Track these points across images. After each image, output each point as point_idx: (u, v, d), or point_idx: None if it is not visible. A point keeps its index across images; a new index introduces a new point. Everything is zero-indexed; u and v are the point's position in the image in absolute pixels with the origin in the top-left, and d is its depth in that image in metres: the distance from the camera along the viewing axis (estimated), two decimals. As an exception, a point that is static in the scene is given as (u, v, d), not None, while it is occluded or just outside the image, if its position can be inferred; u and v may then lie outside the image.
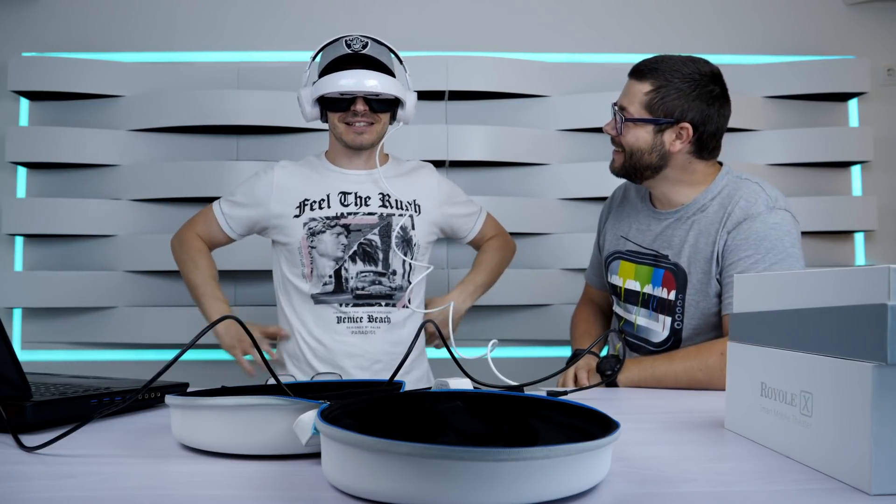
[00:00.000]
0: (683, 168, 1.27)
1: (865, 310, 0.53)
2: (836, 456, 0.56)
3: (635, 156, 1.26)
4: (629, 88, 1.27)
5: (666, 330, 1.28)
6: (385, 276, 1.43)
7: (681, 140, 1.23)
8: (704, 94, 1.22)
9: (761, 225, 1.18)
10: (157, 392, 0.90)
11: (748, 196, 1.22)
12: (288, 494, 0.52)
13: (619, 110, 1.27)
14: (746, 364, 0.72)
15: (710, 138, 1.25)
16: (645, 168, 1.27)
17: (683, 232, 1.28)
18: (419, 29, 2.36)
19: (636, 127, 1.25)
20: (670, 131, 1.23)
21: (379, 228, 1.43)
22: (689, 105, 1.22)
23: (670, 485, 0.55)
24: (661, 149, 1.24)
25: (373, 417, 0.62)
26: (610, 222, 1.48)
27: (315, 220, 1.42)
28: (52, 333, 2.23)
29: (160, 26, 2.33)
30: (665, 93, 1.22)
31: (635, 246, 1.37)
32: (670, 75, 1.22)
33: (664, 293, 1.29)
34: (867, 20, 2.42)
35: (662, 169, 1.27)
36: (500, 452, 0.45)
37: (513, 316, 2.29)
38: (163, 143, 2.26)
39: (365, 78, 1.34)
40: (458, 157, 2.22)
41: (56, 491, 0.53)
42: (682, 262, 1.26)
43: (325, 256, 1.41)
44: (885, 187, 2.39)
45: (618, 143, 1.29)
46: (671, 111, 1.22)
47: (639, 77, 1.25)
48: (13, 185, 2.27)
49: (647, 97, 1.23)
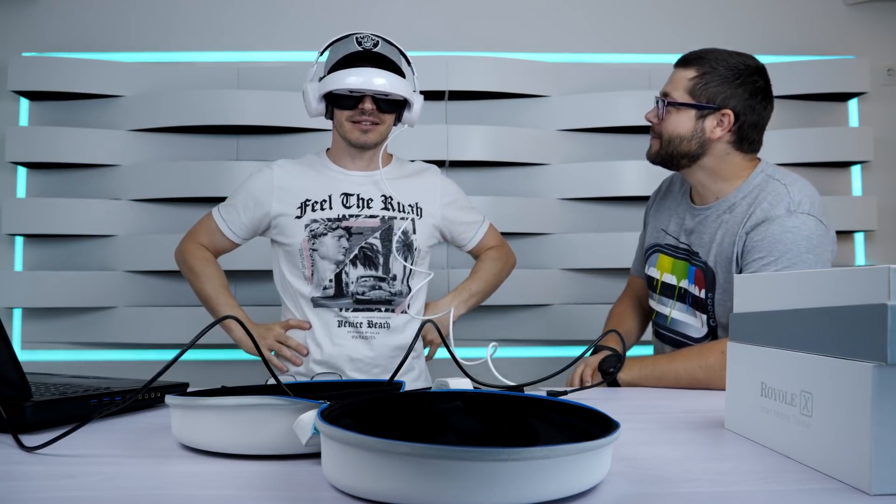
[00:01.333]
0: (721, 158, 1.27)
1: (865, 310, 0.53)
2: (836, 456, 0.56)
3: (674, 142, 1.27)
4: (674, 76, 1.29)
5: (705, 326, 1.29)
6: (385, 280, 1.42)
7: (721, 127, 1.24)
8: (748, 83, 1.23)
9: (778, 228, 1.18)
10: (157, 392, 0.90)
11: (771, 198, 1.22)
12: (288, 494, 0.52)
13: (663, 97, 1.28)
14: (746, 364, 0.72)
15: (750, 129, 1.25)
16: (682, 156, 1.27)
17: (712, 230, 1.28)
18: (419, 29, 2.36)
19: (678, 113, 1.26)
20: (712, 118, 1.24)
21: (380, 232, 1.42)
22: (732, 92, 1.23)
23: (670, 485, 0.55)
24: (702, 136, 1.25)
25: (373, 417, 0.62)
26: (652, 213, 1.49)
27: (317, 221, 1.41)
28: (52, 333, 2.23)
29: (160, 26, 2.33)
30: (709, 79, 1.23)
31: (673, 240, 1.37)
32: (716, 63, 1.24)
33: (696, 290, 1.30)
34: (867, 20, 2.42)
35: (700, 158, 1.27)
36: (499, 452, 0.45)
37: (513, 316, 2.29)
38: (163, 143, 2.26)
39: (375, 76, 1.32)
40: (458, 157, 2.22)
41: (56, 491, 0.52)
42: (710, 262, 1.27)
43: (326, 259, 1.40)
44: (885, 187, 2.39)
45: (657, 131, 1.30)
46: (714, 97, 1.23)
47: (684, 65, 1.27)
48: (13, 185, 2.27)
49: (691, 83, 1.25)
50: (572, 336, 2.28)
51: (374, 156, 1.46)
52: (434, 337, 1.55)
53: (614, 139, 2.33)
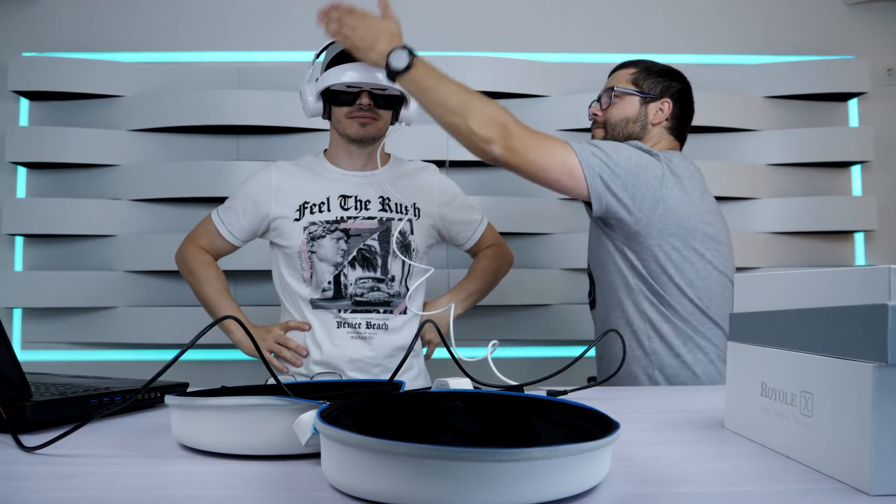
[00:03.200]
0: (656, 141, 1.45)
1: (865, 310, 0.53)
2: (836, 456, 0.56)
3: (619, 126, 1.45)
4: (615, 75, 1.49)
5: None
6: (384, 282, 1.42)
7: (662, 114, 1.44)
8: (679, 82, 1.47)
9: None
10: (157, 392, 0.90)
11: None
12: (288, 494, 0.52)
13: (607, 91, 1.47)
14: (746, 364, 0.72)
15: (684, 119, 1.47)
16: (626, 138, 1.44)
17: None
18: (419, 29, 2.36)
19: (623, 101, 1.45)
20: (654, 105, 1.44)
21: (378, 234, 1.42)
22: (669, 84, 1.45)
23: (670, 485, 0.55)
24: (645, 119, 1.44)
25: (373, 418, 0.62)
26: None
27: (315, 224, 1.41)
28: (52, 333, 2.23)
29: (160, 26, 2.33)
30: (647, 74, 1.46)
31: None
32: (651, 65, 1.47)
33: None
34: (867, 20, 2.42)
35: (639, 140, 1.43)
36: (499, 453, 0.45)
37: (513, 316, 2.29)
38: (163, 143, 2.26)
39: (372, 71, 1.32)
40: (458, 158, 2.22)
41: (56, 491, 0.52)
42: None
43: (324, 261, 1.40)
44: (885, 187, 2.39)
45: (599, 122, 1.49)
46: (654, 88, 1.45)
47: (623, 67, 1.49)
48: (13, 185, 2.27)
49: (633, 76, 1.46)
50: (572, 336, 2.28)
51: (372, 154, 1.46)
52: (433, 337, 1.56)
53: (614, 139, 2.33)
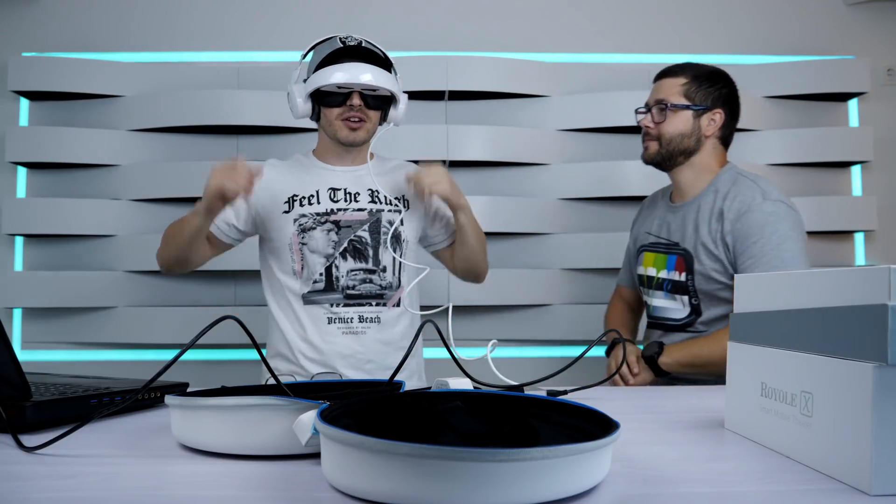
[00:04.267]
0: (709, 153, 1.48)
1: (865, 310, 0.53)
2: (836, 456, 0.56)
3: (674, 140, 1.47)
4: (664, 85, 1.49)
5: (686, 307, 1.47)
6: (375, 273, 1.42)
7: (714, 125, 1.47)
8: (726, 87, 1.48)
9: (759, 213, 1.37)
10: (157, 392, 0.90)
11: (744, 193, 1.41)
12: (288, 494, 0.52)
13: (657, 103, 1.47)
14: (747, 364, 0.72)
15: (731, 124, 1.49)
16: (681, 152, 1.48)
17: (690, 221, 1.47)
18: (419, 29, 2.36)
19: (676, 115, 1.46)
20: (706, 116, 1.46)
21: (369, 225, 1.42)
22: (719, 94, 1.47)
23: (670, 485, 0.55)
24: (699, 132, 1.47)
25: (372, 418, 0.62)
26: (638, 223, 1.70)
27: (305, 216, 1.41)
28: (52, 333, 2.23)
29: (160, 26, 2.33)
30: (699, 84, 1.46)
31: (655, 238, 1.57)
32: (698, 71, 1.47)
33: (676, 275, 1.48)
34: (867, 20, 2.42)
35: (694, 154, 1.48)
36: (499, 453, 0.45)
37: (513, 316, 2.29)
38: (163, 143, 2.26)
39: (362, 72, 1.31)
40: (458, 157, 2.22)
41: (56, 491, 0.52)
42: (688, 248, 1.46)
43: (315, 253, 1.40)
44: (885, 187, 2.39)
45: (653, 135, 1.49)
46: (705, 99, 1.46)
47: (672, 75, 1.49)
48: (13, 185, 2.27)
49: (684, 87, 1.46)
50: (572, 336, 2.28)
51: (360, 153, 1.47)
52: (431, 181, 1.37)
53: (614, 139, 2.33)
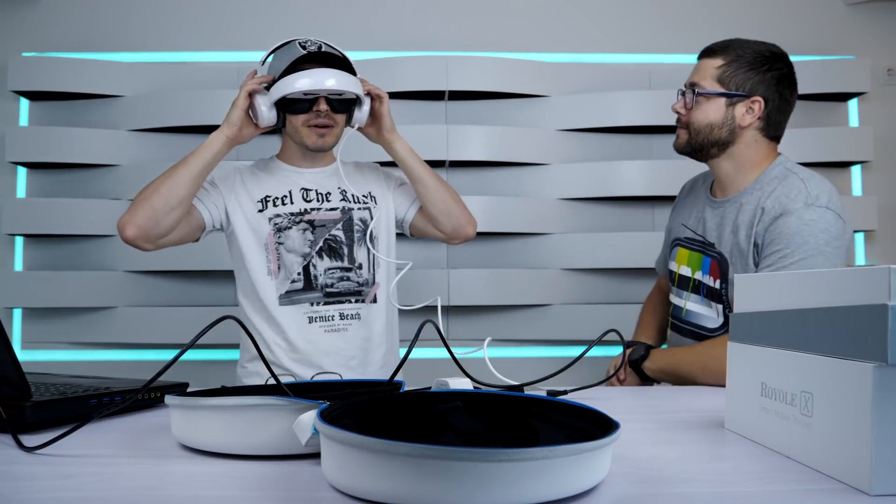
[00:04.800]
0: (749, 146, 1.29)
1: (865, 310, 0.53)
2: (836, 456, 0.56)
3: (703, 131, 1.29)
4: (700, 66, 1.30)
5: (720, 316, 1.30)
6: (351, 270, 1.42)
7: (751, 114, 1.26)
8: (775, 70, 1.26)
9: (796, 220, 1.18)
10: (157, 392, 0.90)
11: (788, 191, 1.22)
12: (288, 494, 0.52)
13: (690, 87, 1.30)
14: (746, 364, 0.72)
15: (778, 115, 1.28)
16: (713, 144, 1.29)
17: (729, 221, 1.29)
18: (419, 29, 2.36)
19: (707, 102, 1.28)
20: (741, 105, 1.26)
21: (342, 223, 1.43)
22: (761, 78, 1.25)
23: (670, 485, 0.55)
24: (732, 123, 1.27)
25: (372, 418, 0.62)
26: (676, 211, 1.52)
27: (280, 216, 1.41)
28: (52, 333, 2.23)
29: (160, 26, 2.33)
30: (737, 66, 1.25)
31: (691, 233, 1.40)
32: (742, 51, 1.26)
33: (710, 281, 1.32)
34: (867, 20, 2.42)
35: (730, 146, 1.29)
36: (499, 453, 0.45)
37: (513, 316, 2.29)
38: (163, 143, 2.26)
39: (328, 77, 1.30)
40: (458, 157, 2.22)
41: (56, 491, 0.52)
42: (725, 252, 1.29)
43: (292, 252, 1.40)
44: (885, 187, 2.39)
45: (683, 122, 1.32)
46: (742, 84, 1.25)
47: (710, 55, 1.29)
48: (13, 185, 2.27)
49: (718, 70, 1.27)
50: (572, 336, 2.28)
51: (327, 155, 1.49)
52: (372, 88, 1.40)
53: (614, 139, 2.33)
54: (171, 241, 1.38)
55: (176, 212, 1.33)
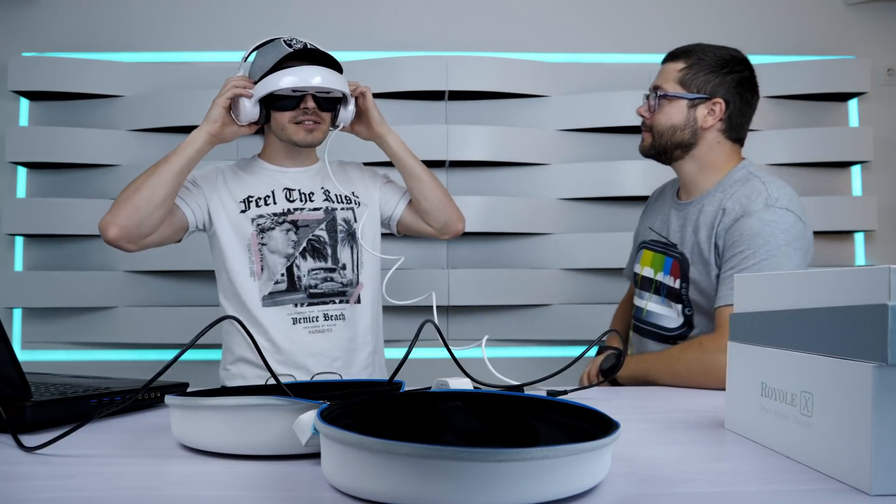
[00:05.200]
0: (711, 147, 1.31)
1: (865, 310, 0.53)
2: (836, 456, 0.56)
3: (666, 134, 1.31)
4: (663, 70, 1.33)
5: (680, 317, 1.31)
6: (335, 271, 1.42)
7: (713, 116, 1.29)
8: (735, 72, 1.29)
9: (756, 221, 1.19)
10: (157, 392, 0.90)
11: (749, 193, 1.23)
12: (288, 494, 0.52)
13: (654, 90, 1.33)
14: (746, 364, 0.72)
15: (739, 117, 1.30)
16: (676, 146, 1.32)
17: (691, 221, 1.31)
18: (419, 29, 2.37)
19: (670, 104, 1.31)
20: (703, 107, 1.29)
21: (325, 223, 1.42)
22: (722, 80, 1.28)
23: (670, 485, 0.55)
24: (694, 125, 1.29)
25: (372, 418, 0.62)
26: (644, 216, 1.54)
27: (263, 216, 1.40)
28: (52, 333, 2.23)
29: (160, 26, 2.33)
30: (698, 69, 1.29)
31: (657, 235, 1.41)
32: (703, 54, 1.29)
33: (671, 281, 1.33)
34: (867, 20, 2.42)
35: (692, 148, 1.31)
36: (499, 453, 0.45)
37: (512, 316, 2.29)
38: (163, 143, 2.26)
39: (316, 74, 1.29)
40: (458, 157, 2.22)
41: (56, 491, 0.52)
42: (686, 252, 1.30)
43: (276, 253, 1.39)
44: (885, 187, 2.39)
45: (648, 125, 1.35)
46: (704, 86, 1.28)
47: (672, 59, 1.33)
48: (13, 185, 2.28)
49: (680, 73, 1.30)
50: (572, 336, 2.28)
51: (311, 154, 1.48)
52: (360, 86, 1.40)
53: (614, 139, 2.33)
54: (154, 241, 1.35)
55: (159, 211, 1.30)
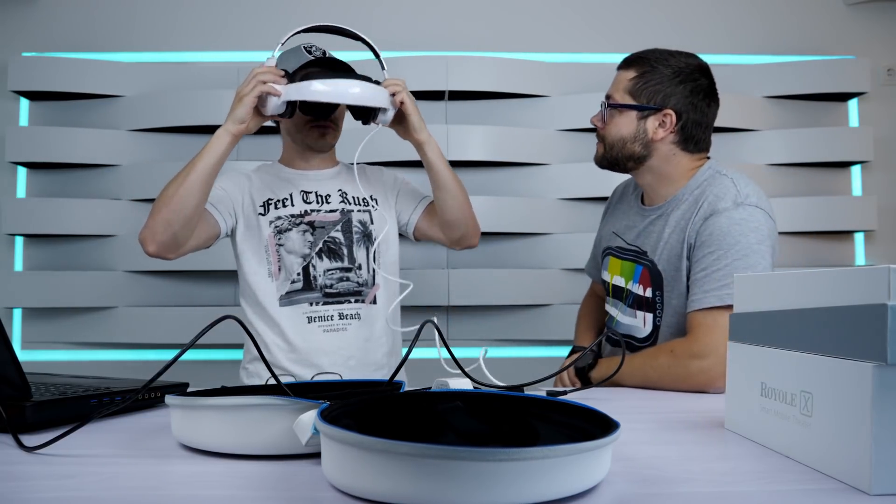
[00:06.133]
0: (667, 160, 1.24)
1: (865, 310, 0.53)
2: (836, 456, 0.56)
3: (616, 146, 1.25)
4: (616, 78, 1.27)
5: (648, 326, 1.27)
6: (351, 271, 1.43)
7: (664, 128, 1.21)
8: (689, 82, 1.21)
9: (726, 220, 1.15)
10: (157, 392, 0.90)
11: (717, 192, 1.19)
12: (288, 494, 0.52)
13: (605, 100, 1.27)
14: (746, 364, 0.72)
15: (694, 128, 1.22)
16: (627, 158, 1.26)
17: (660, 229, 1.26)
18: (419, 29, 2.37)
19: (620, 115, 1.24)
20: (653, 118, 1.22)
21: (341, 225, 1.44)
22: (673, 90, 1.20)
23: (670, 485, 0.55)
24: (645, 137, 1.23)
25: (373, 417, 0.62)
26: (607, 218, 1.49)
27: (281, 218, 1.42)
28: (52, 333, 2.23)
29: (160, 26, 2.33)
30: (649, 78, 1.21)
31: (623, 242, 1.36)
32: (656, 62, 1.22)
33: (641, 290, 1.28)
34: (867, 20, 2.42)
35: (646, 159, 1.25)
36: (499, 452, 0.45)
37: (513, 316, 2.29)
38: (163, 143, 2.26)
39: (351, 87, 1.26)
40: (458, 158, 2.22)
41: (56, 491, 0.52)
42: (657, 260, 1.25)
43: (292, 254, 1.41)
44: (885, 187, 2.39)
45: (601, 135, 1.30)
46: (654, 97, 1.21)
47: (625, 66, 1.25)
48: (13, 185, 2.28)
49: (631, 83, 1.23)
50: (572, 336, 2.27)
51: (328, 157, 1.50)
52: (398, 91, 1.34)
53: (614, 139, 2.33)
54: (192, 247, 1.37)
55: (191, 222, 1.32)
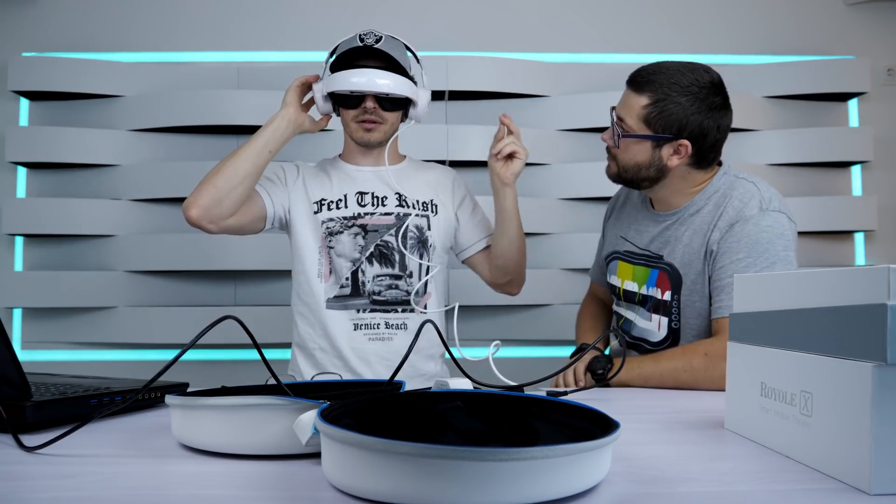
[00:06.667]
0: (682, 178, 1.26)
1: (865, 310, 0.53)
2: (836, 456, 0.56)
3: (631, 171, 1.25)
4: (627, 100, 1.24)
5: (663, 330, 1.28)
6: (401, 279, 1.41)
7: (678, 156, 1.21)
8: (704, 107, 1.18)
9: (754, 227, 1.16)
10: (157, 392, 0.90)
11: (742, 196, 1.20)
12: (288, 494, 0.52)
13: (618, 121, 1.24)
14: (746, 364, 0.72)
15: (709, 151, 1.22)
16: (642, 180, 1.26)
17: (679, 233, 1.26)
18: (419, 29, 2.36)
19: (634, 143, 1.23)
20: (668, 146, 1.21)
21: (395, 229, 1.41)
22: (689, 120, 1.18)
23: (670, 485, 0.55)
24: (659, 163, 1.22)
25: (373, 417, 0.62)
26: (611, 222, 1.49)
27: (333, 220, 1.41)
28: (52, 333, 2.23)
29: (160, 26, 2.33)
30: (663, 107, 1.18)
31: (632, 247, 1.36)
32: (669, 88, 1.18)
33: (658, 294, 1.28)
34: (867, 20, 2.42)
35: (660, 180, 1.26)
36: (499, 452, 0.45)
37: (513, 316, 2.29)
38: (163, 143, 2.26)
39: (376, 77, 1.30)
40: (458, 158, 2.22)
41: (56, 491, 0.53)
42: (676, 263, 1.26)
43: (342, 257, 1.39)
44: (885, 187, 2.39)
45: (612, 154, 1.28)
46: (670, 126, 1.19)
47: (637, 88, 1.22)
48: (13, 185, 2.27)
49: (644, 111, 1.20)
50: (572, 336, 2.26)
51: (383, 154, 1.45)
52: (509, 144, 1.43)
53: (614, 139, 2.33)
54: (234, 225, 1.36)
55: (238, 189, 1.32)
